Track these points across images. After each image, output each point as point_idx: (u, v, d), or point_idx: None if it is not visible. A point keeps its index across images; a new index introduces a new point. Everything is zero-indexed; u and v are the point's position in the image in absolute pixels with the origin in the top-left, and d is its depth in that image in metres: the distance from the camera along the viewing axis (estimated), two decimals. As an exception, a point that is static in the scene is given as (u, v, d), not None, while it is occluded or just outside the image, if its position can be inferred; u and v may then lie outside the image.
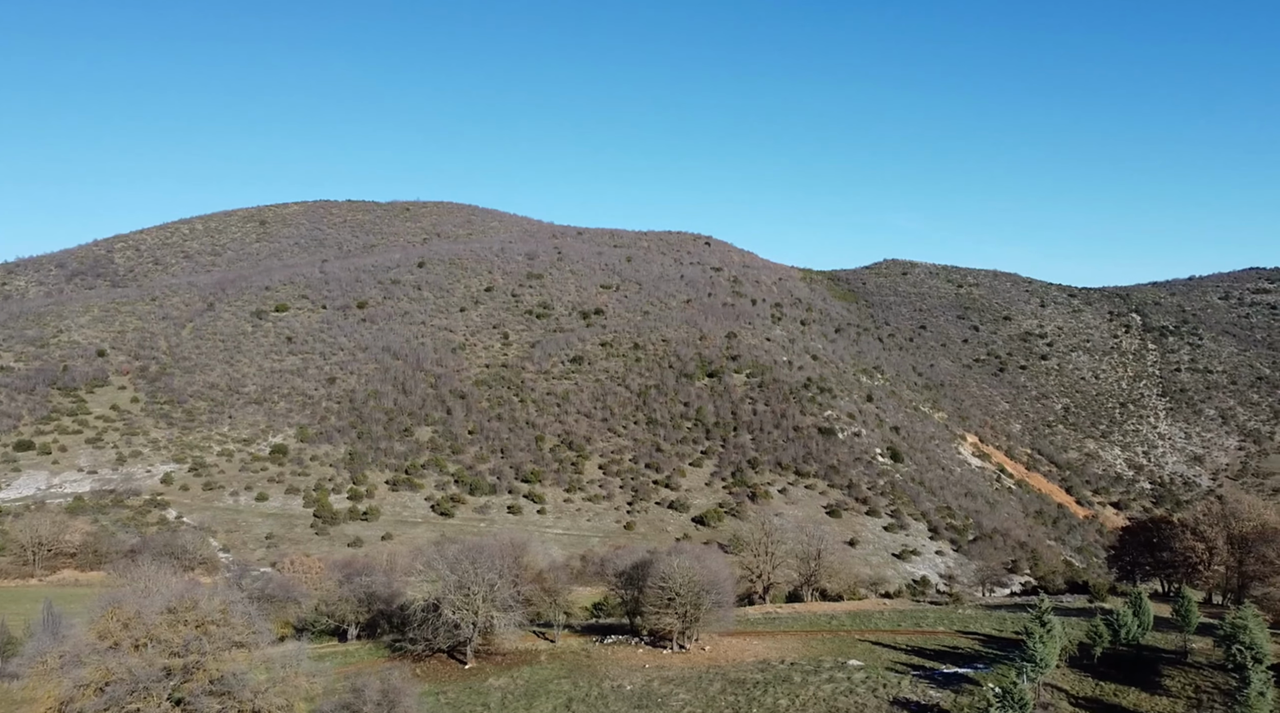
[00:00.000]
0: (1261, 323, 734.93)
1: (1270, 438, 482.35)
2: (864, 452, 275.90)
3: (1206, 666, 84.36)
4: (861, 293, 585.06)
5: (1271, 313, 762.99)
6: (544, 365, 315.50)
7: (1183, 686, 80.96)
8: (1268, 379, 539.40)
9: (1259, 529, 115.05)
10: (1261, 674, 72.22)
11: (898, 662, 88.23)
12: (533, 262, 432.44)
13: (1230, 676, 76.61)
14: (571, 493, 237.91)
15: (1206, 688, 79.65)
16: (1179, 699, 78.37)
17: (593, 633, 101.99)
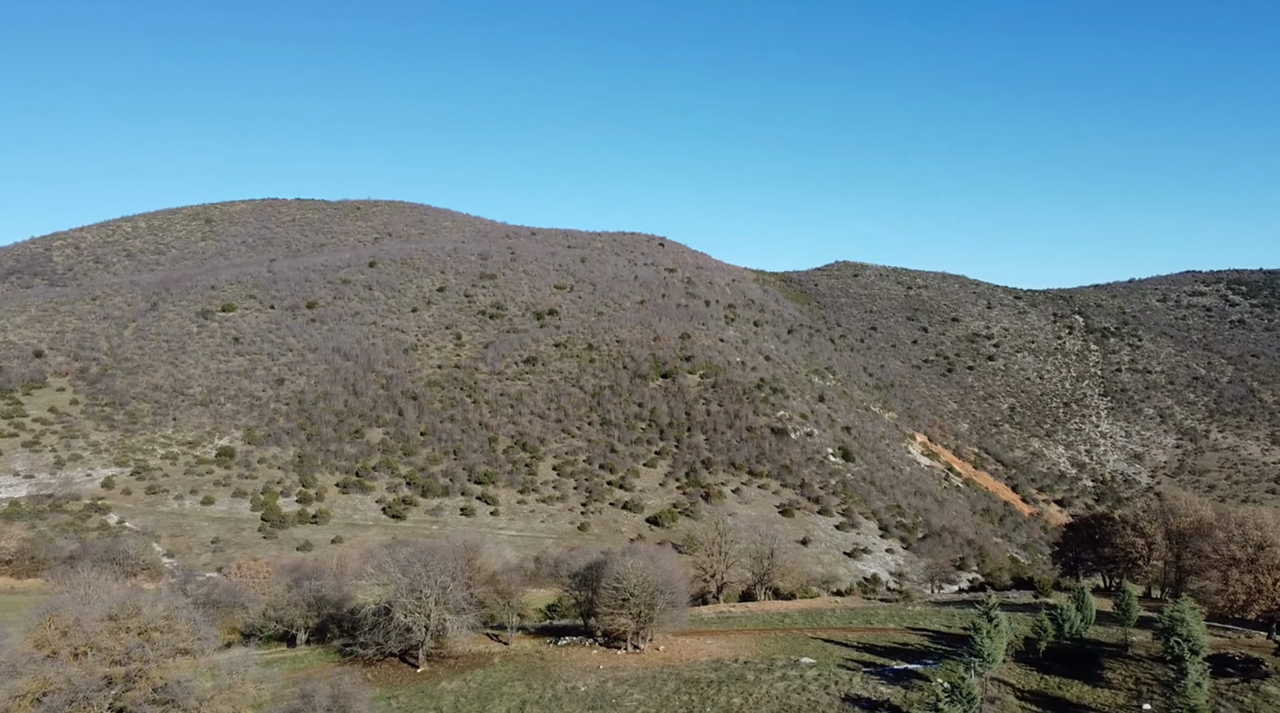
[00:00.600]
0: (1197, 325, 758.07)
1: (1205, 436, 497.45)
2: (816, 451, 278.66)
3: (1146, 658, 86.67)
4: (813, 294, 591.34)
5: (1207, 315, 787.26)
6: (497, 366, 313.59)
7: (1123, 678, 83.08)
8: (1203, 379, 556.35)
9: (1195, 525, 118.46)
10: (1198, 666, 74.38)
11: (849, 659, 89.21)
12: (486, 262, 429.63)
13: (1169, 667, 78.83)
14: (525, 494, 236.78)
15: (1146, 680, 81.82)
16: (1120, 691, 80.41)
17: (547, 634, 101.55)
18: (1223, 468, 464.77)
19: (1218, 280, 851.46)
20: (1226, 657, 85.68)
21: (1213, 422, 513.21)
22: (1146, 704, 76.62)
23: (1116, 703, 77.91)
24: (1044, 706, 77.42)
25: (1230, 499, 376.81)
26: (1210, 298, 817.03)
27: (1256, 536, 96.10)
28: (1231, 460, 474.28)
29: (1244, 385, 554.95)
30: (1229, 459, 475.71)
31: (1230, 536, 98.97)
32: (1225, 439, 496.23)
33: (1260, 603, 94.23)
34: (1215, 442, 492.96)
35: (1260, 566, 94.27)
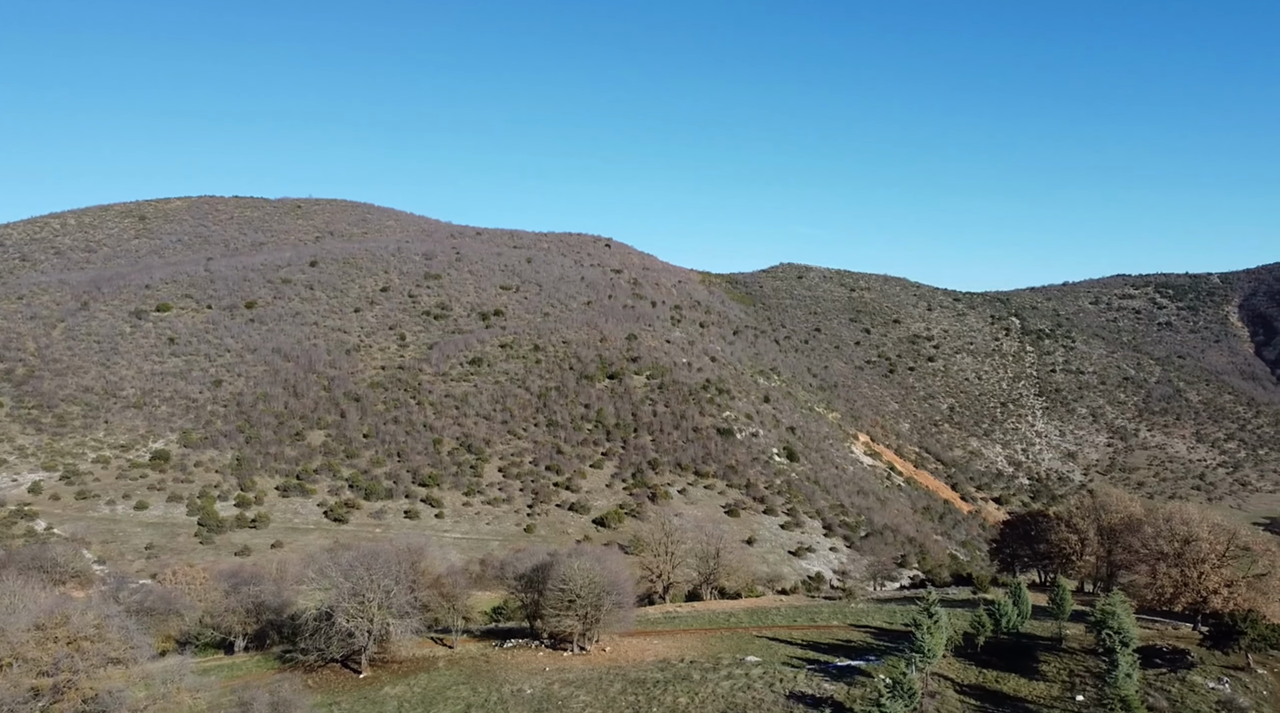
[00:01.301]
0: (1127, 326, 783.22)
1: (1135, 435, 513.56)
2: (761, 452, 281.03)
3: (1079, 650, 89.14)
4: (758, 296, 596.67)
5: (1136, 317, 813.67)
6: (442, 367, 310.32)
7: (1058, 670, 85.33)
8: (1133, 379, 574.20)
9: (1126, 521, 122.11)
10: (1128, 657, 76.73)
11: (794, 657, 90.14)
12: (430, 262, 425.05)
13: (1101, 659, 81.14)
14: (470, 496, 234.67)
15: (1079, 672, 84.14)
16: (1054, 684, 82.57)
17: (492, 637, 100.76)
18: (1151, 465, 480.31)
19: (1146, 284, 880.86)
20: (1155, 648, 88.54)
21: (1142, 421, 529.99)
22: (1080, 696, 78.80)
23: (1051, 695, 79.99)
24: (982, 699, 79.13)
25: (1158, 496, 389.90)
26: (1139, 301, 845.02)
27: (1183, 531, 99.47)
28: (1159, 458, 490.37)
29: (1171, 385, 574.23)
30: (1157, 457, 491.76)
31: (1158, 531, 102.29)
32: (1153, 438, 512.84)
33: (1186, 596, 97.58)
34: (1144, 440, 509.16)
35: (1186, 560, 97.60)
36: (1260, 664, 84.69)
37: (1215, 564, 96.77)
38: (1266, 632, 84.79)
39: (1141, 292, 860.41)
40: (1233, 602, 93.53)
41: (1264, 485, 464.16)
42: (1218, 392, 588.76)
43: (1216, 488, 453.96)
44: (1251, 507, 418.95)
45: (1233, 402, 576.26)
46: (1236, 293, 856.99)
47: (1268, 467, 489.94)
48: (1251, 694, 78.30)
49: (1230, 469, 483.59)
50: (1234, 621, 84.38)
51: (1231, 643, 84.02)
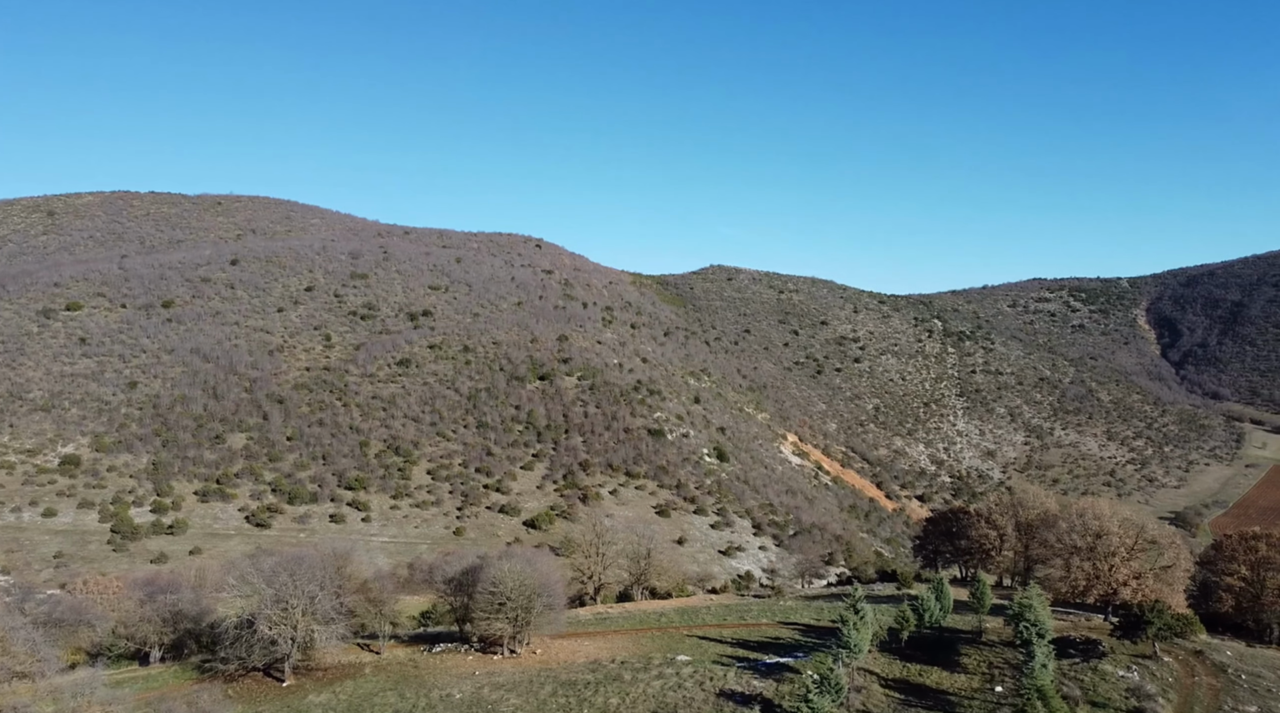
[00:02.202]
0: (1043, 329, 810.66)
1: (1050, 433, 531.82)
2: (692, 452, 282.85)
3: (999, 643, 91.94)
4: (689, 297, 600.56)
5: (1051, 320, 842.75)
6: (369, 368, 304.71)
7: (978, 662, 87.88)
8: (1048, 380, 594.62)
9: (1042, 516, 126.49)
10: (1044, 648, 79.51)
11: (724, 655, 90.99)
12: (357, 261, 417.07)
13: (1018, 651, 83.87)
14: (398, 499, 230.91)
15: (998, 663, 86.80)
16: (975, 676, 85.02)
17: (421, 642, 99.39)
18: (1065, 463, 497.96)
19: (1061, 287, 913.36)
20: (1070, 639, 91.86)
21: (1056, 420, 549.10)
22: (999, 687, 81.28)
23: (972, 687, 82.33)
24: (906, 693, 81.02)
25: (1072, 492, 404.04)
26: (1054, 304, 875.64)
27: (1095, 525, 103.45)
28: (1073, 456, 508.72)
29: (1083, 386, 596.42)
30: (1070, 454, 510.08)
31: (1072, 526, 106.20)
32: (1067, 436, 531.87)
33: (1098, 588, 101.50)
34: (1059, 438, 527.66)
35: (1098, 553, 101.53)
36: (1166, 653, 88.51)
37: (1125, 557, 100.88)
38: (1172, 621, 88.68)
39: (1056, 295, 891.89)
40: (1141, 593, 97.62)
41: (1169, 481, 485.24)
42: (1127, 391, 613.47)
43: (1125, 484, 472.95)
44: (1158, 502, 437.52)
45: (1140, 401, 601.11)
46: (1144, 297, 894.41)
47: (1172, 463, 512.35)
48: (1158, 681, 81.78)
49: (1138, 466, 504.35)
50: (1142, 611, 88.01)
51: (1140, 633, 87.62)
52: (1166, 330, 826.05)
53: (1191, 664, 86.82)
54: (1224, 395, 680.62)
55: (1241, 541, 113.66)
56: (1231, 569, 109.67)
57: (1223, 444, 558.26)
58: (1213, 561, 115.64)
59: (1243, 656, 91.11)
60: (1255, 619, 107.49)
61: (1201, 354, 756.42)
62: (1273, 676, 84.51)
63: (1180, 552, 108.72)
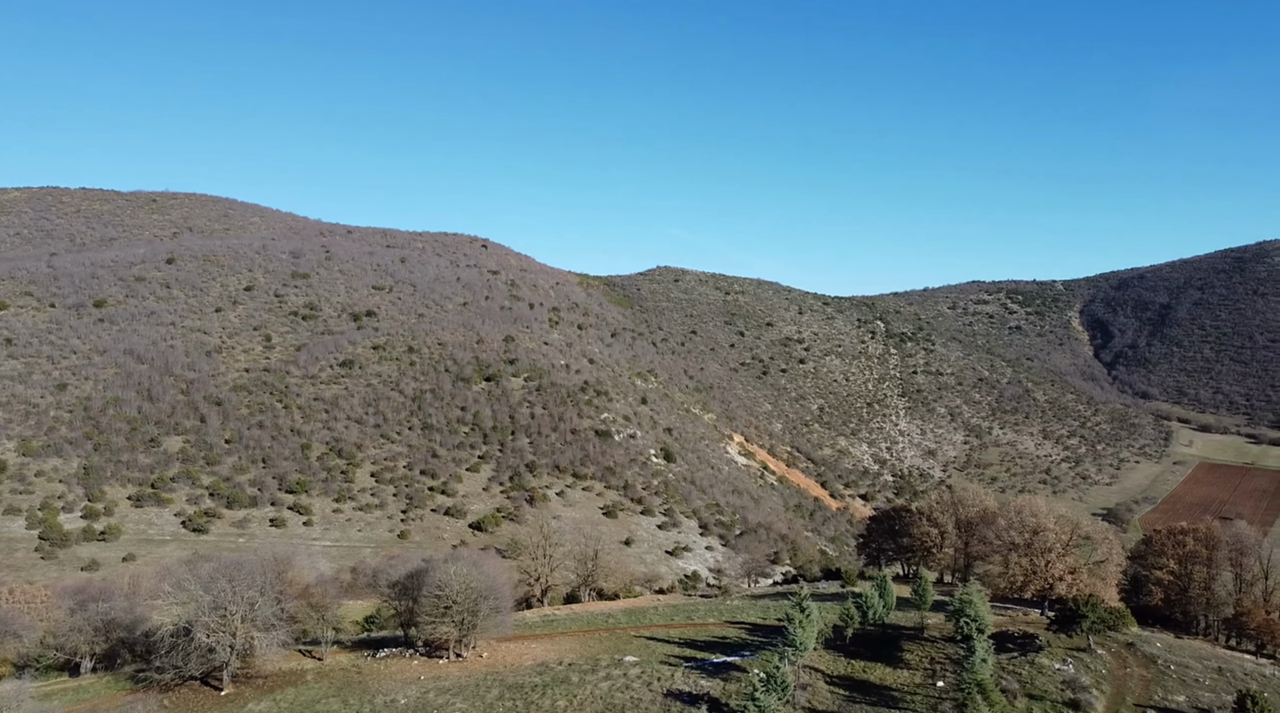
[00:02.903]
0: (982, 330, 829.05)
1: (989, 432, 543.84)
2: (639, 453, 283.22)
3: (940, 638, 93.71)
4: (636, 298, 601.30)
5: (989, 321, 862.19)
6: (311, 370, 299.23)
7: (920, 658, 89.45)
8: (987, 380, 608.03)
9: (981, 514, 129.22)
10: (984, 643, 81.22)
11: (671, 655, 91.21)
12: (298, 260, 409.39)
13: (959, 646, 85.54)
14: (341, 503, 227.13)
15: (940, 659, 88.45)
16: (917, 671, 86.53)
17: (365, 648, 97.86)
18: (1003, 461, 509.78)
19: (999, 290, 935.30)
20: (1008, 634, 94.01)
21: (995, 419, 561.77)
22: (940, 682, 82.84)
23: (914, 682, 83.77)
24: (851, 689, 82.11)
25: (1009, 490, 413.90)
26: (993, 306, 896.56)
27: (1032, 522, 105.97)
28: (1010, 454, 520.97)
29: (1020, 386, 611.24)
30: (1008, 453, 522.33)
31: (1010, 523, 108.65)
32: (1005, 435, 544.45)
33: (1035, 583, 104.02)
34: (997, 437, 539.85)
35: (1035, 550, 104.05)
36: (1100, 645, 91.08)
37: (1060, 553, 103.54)
38: (1105, 615, 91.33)
39: (994, 297, 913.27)
40: (1076, 588, 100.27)
41: (1101, 479, 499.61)
42: (1061, 391, 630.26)
43: (1060, 481, 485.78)
44: (1091, 499, 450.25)
45: (1074, 401, 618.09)
46: (1078, 299, 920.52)
47: (1105, 461, 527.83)
48: (1092, 673, 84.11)
49: (1072, 464, 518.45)
50: (1077, 605, 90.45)
51: (1074, 626, 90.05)
52: (1099, 332, 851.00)
53: (1124, 656, 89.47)
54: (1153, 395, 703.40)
55: (1170, 536, 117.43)
56: (1161, 564, 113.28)
57: (1152, 442, 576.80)
58: (1143, 555, 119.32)
59: (1172, 647, 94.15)
60: (1183, 612, 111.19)
61: (1132, 355, 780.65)
62: (1200, 666, 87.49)
63: (1112, 547, 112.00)
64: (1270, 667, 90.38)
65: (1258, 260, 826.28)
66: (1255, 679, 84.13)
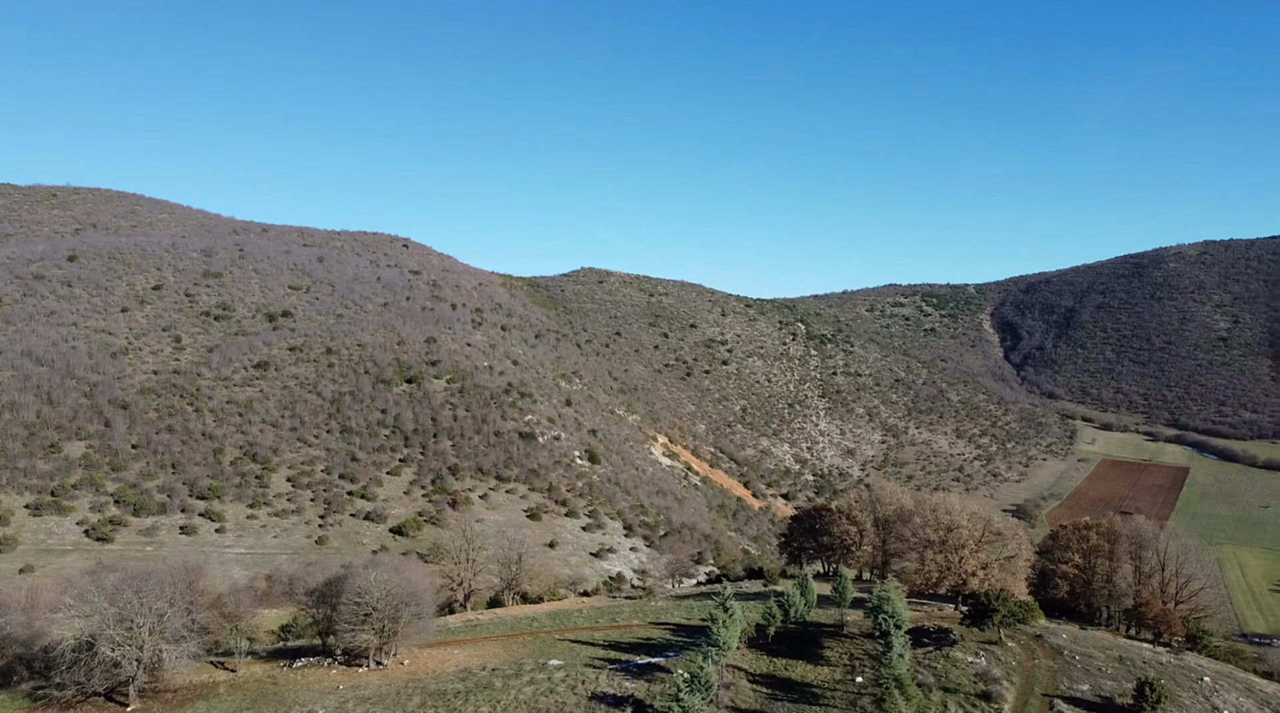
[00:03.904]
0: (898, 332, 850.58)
1: (905, 432, 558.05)
2: (563, 455, 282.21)
3: (859, 635, 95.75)
4: (560, 300, 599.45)
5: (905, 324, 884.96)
6: (224, 372, 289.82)
7: (840, 655, 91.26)
8: (903, 381, 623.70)
9: (898, 512, 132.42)
10: (901, 639, 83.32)
11: (596, 657, 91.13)
12: (210, 259, 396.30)
13: (877, 642, 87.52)
14: (256, 509, 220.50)
15: (859, 655, 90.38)
16: (837, 668, 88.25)
17: (281, 657, 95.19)
18: (919, 460, 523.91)
19: (915, 293, 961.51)
20: (924, 629, 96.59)
21: (911, 419, 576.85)
22: (859, 677, 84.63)
23: (834, 679, 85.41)
24: (773, 687, 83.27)
25: (925, 488, 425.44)
26: (908, 308, 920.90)
27: (946, 520, 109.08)
28: (926, 453, 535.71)
29: (935, 386, 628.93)
30: (923, 452, 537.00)
31: (926, 521, 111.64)
32: (920, 434, 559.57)
33: (950, 579, 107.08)
34: (913, 437, 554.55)
35: (949, 546, 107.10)
36: (1010, 638, 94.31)
37: (973, 549, 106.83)
38: (1015, 608, 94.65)
39: (910, 300, 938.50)
40: (988, 583, 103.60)
41: (1011, 476, 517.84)
42: (974, 392, 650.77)
43: (973, 479, 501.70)
44: (1001, 495, 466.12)
45: (986, 401, 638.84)
46: (989, 302, 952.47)
47: (1014, 459, 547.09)
48: (1002, 665, 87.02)
49: (984, 462, 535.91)
50: (988, 600, 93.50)
51: (986, 620, 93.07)
52: (1009, 334, 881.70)
53: (1032, 648, 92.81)
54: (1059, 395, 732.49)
55: (1075, 531, 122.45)
56: (1067, 558, 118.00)
57: (1058, 441, 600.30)
58: (1050, 550, 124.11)
59: (1077, 638, 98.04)
60: (1087, 604, 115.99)
61: (1039, 356, 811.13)
62: (1103, 655, 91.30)
63: (1022, 543, 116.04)
64: (1166, 655, 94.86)
65: (1155, 266, 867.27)
66: (1153, 667, 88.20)
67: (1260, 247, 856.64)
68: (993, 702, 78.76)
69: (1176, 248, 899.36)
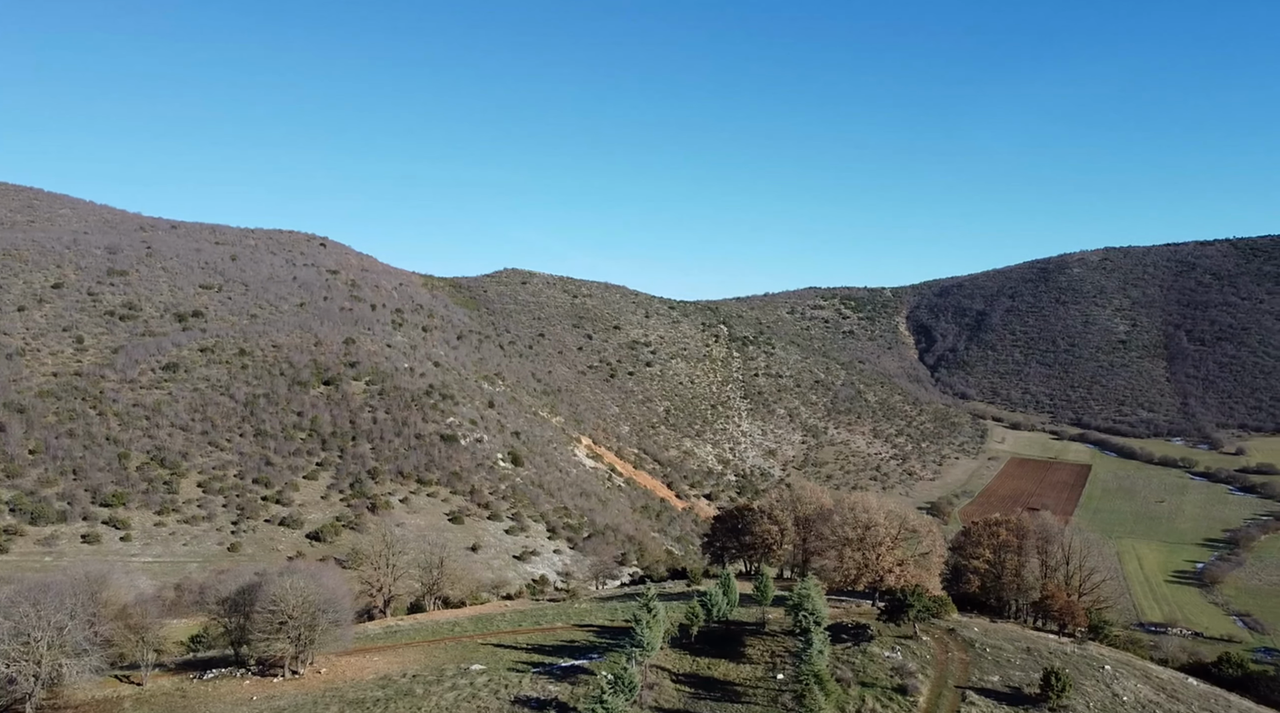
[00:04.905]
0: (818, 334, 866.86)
1: (825, 432, 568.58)
2: (486, 457, 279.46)
3: (780, 632, 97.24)
4: (483, 301, 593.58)
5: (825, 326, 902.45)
6: (130, 374, 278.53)
7: (762, 652, 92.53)
8: (823, 382, 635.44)
9: (818, 511, 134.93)
10: (820, 635, 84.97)
11: (519, 661, 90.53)
12: (115, 256, 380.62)
13: (798, 639, 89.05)
14: (164, 516, 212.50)
15: (780, 652, 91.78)
16: (759, 665, 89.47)
17: (191, 669, 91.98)
18: (838, 460, 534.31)
19: (834, 296, 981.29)
20: (843, 625, 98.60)
21: (830, 420, 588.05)
22: (780, 674, 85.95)
23: (756, 676, 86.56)
24: (696, 686, 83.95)
25: (844, 487, 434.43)
26: (828, 311, 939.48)
27: (864, 518, 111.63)
28: (844, 453, 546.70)
29: (853, 387, 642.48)
30: (842, 451, 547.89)
31: (844, 519, 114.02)
32: (839, 434, 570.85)
33: (867, 575, 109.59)
34: (832, 437, 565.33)
35: (867, 543, 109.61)
36: (925, 632, 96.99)
37: (890, 547, 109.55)
38: (929, 603, 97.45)
39: (829, 303, 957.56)
40: (903, 579, 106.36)
41: (925, 474, 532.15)
42: (890, 393, 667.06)
43: (889, 478, 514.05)
44: (916, 493, 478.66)
45: (902, 401, 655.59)
46: (905, 305, 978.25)
47: (929, 458, 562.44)
48: (918, 659, 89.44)
49: (900, 461, 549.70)
50: (904, 596, 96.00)
51: (902, 615, 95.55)
52: (923, 336, 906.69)
53: (945, 642, 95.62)
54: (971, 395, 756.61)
55: (986, 527, 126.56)
56: (978, 553, 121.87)
57: (970, 440, 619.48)
58: (962, 546, 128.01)
59: (988, 631, 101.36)
60: (997, 598, 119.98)
61: (952, 358, 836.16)
62: (1011, 647, 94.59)
63: (936, 539, 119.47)
64: (1071, 645, 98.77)
65: (1060, 271, 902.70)
66: (1058, 657, 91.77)
67: (1156, 253, 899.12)
68: (908, 695, 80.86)
69: (1080, 254, 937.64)
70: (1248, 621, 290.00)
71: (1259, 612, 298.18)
